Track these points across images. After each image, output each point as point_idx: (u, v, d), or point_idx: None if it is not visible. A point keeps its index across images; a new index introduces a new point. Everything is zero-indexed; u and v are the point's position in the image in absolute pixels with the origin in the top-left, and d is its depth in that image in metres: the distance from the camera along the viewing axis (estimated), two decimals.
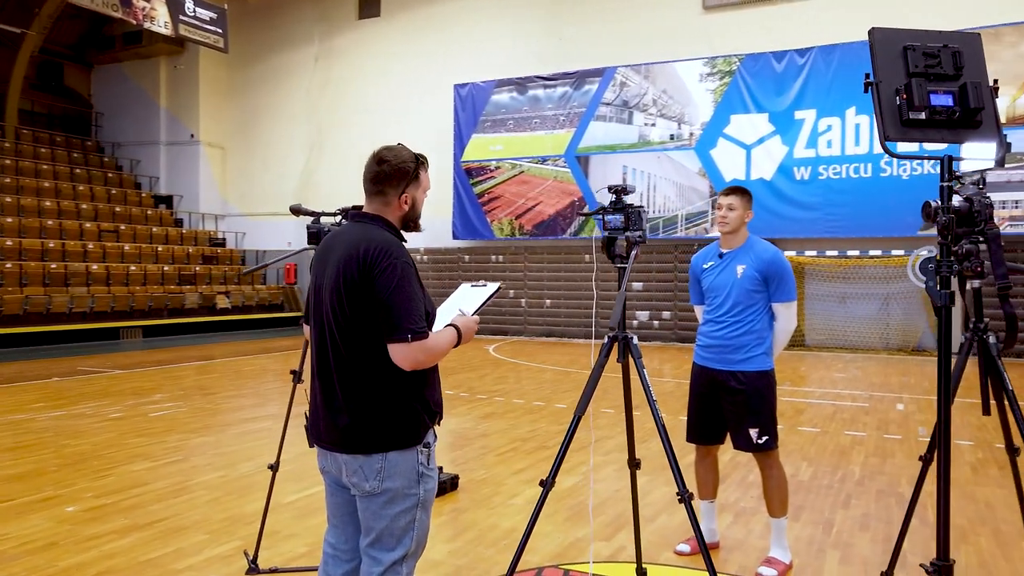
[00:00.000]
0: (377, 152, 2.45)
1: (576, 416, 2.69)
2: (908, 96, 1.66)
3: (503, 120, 16.85)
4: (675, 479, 2.53)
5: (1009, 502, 4.99)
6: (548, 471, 2.69)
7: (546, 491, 2.65)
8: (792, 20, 14.46)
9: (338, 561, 2.51)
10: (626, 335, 2.62)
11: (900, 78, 1.71)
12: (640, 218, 2.48)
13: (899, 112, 1.69)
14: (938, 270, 1.67)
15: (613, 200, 2.57)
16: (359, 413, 2.31)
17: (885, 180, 13.61)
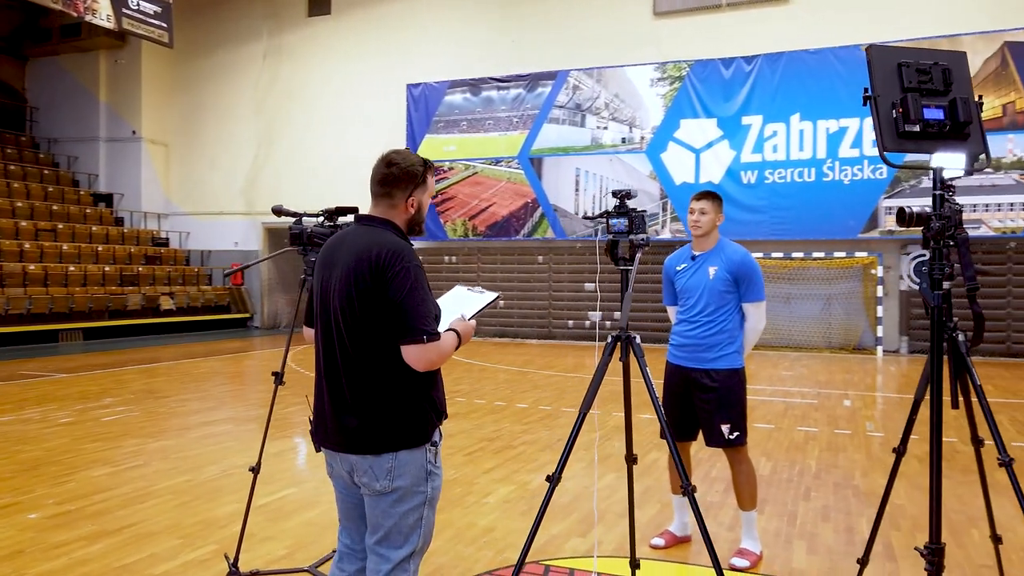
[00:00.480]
0: (385, 155, 2.48)
1: (581, 413, 2.76)
2: (904, 110, 1.79)
3: (456, 121, 16.88)
4: (679, 473, 2.63)
5: (957, 492, 5.27)
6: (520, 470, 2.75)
7: (552, 486, 2.72)
8: (739, 28, 14.86)
9: (352, 559, 2.56)
10: (629, 334, 2.70)
11: (896, 93, 1.83)
12: (643, 222, 2.57)
13: (895, 124, 1.81)
14: (931, 273, 1.79)
15: (617, 204, 2.66)
16: (369, 414, 2.35)
17: (827, 184, 14.09)
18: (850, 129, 14.03)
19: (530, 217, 16.13)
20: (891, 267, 14.20)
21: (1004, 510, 4.79)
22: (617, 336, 2.71)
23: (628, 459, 3.04)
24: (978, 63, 13.33)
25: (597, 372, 2.66)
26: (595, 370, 2.65)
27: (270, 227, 19.45)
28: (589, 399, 2.71)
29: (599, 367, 2.67)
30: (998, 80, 13.25)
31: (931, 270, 1.80)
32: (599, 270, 9.78)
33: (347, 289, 2.35)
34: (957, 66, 1.87)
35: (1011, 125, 13.19)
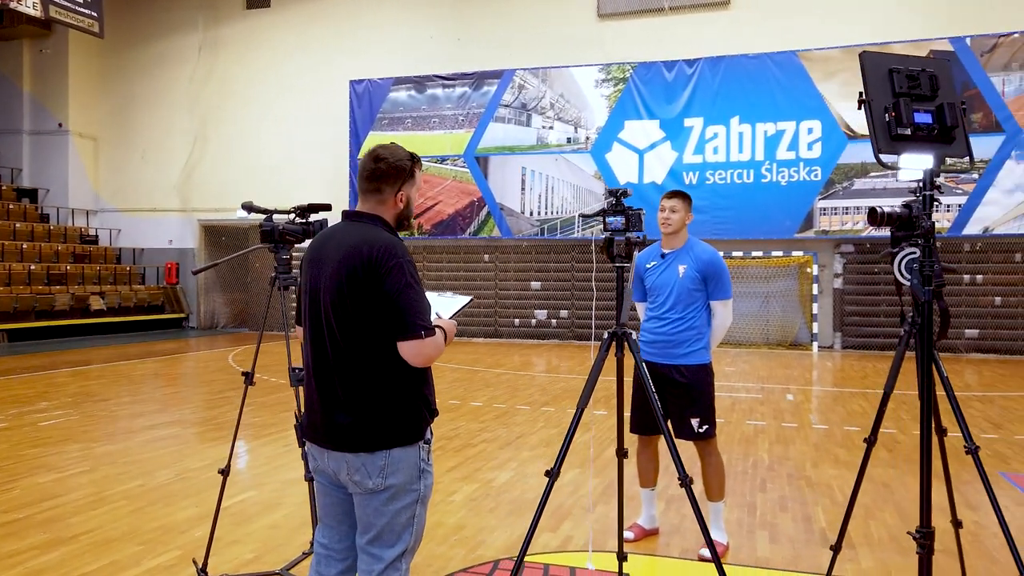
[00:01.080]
0: (373, 150, 2.47)
1: (579, 409, 2.79)
2: (896, 114, 1.87)
3: (401, 118, 16.74)
4: (675, 465, 2.68)
5: (904, 481, 5.51)
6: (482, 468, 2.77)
7: (552, 481, 2.75)
8: (681, 31, 15.16)
9: (332, 561, 2.50)
10: (625, 331, 2.74)
11: (888, 97, 1.92)
12: (640, 220, 2.61)
13: (888, 128, 1.89)
14: (921, 270, 1.88)
15: (613, 203, 2.70)
16: (362, 411, 2.32)
17: (766, 185, 14.51)
18: (787, 132, 14.48)
19: (476, 216, 16.13)
20: (825, 266, 14.72)
21: (941, 495, 5.05)
22: (613, 333, 2.75)
23: (619, 453, 3.08)
24: None
25: (594, 368, 2.70)
26: (592, 366, 2.68)
27: (207, 224, 18.93)
28: (586, 395, 2.74)
29: (596, 363, 2.71)
30: None
31: (921, 267, 1.89)
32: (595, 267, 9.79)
33: (338, 285, 2.32)
34: (942, 73, 1.97)
35: None
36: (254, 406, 8.37)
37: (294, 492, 5.11)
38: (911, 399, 9.02)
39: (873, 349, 14.30)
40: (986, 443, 6.70)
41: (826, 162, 14.27)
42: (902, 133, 1.88)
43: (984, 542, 4.22)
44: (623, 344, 2.74)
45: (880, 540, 4.26)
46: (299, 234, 3.63)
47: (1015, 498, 5.07)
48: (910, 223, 2.81)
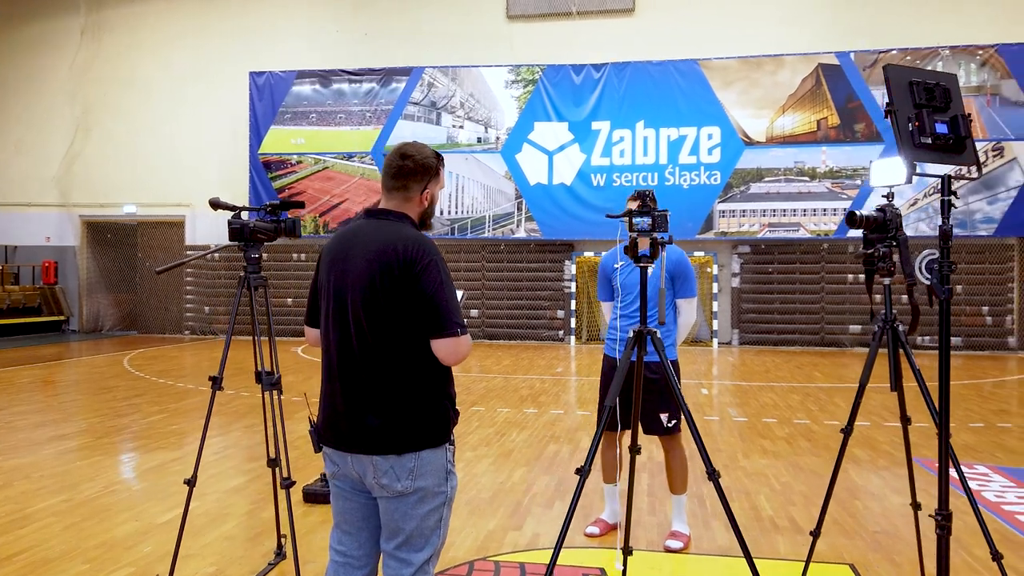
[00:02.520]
0: (399, 148, 2.43)
1: (607, 407, 2.82)
2: (920, 124, 2.02)
3: (305, 113, 16.26)
4: (703, 459, 2.75)
5: (829, 468, 5.86)
6: None
7: (583, 479, 2.77)
8: (589, 36, 15.49)
9: (350, 568, 2.43)
10: (649, 329, 2.79)
11: (909, 108, 2.06)
12: (665, 221, 2.67)
13: (912, 137, 2.03)
14: (940, 269, 2.04)
15: (640, 203, 2.74)
16: (392, 413, 2.28)
17: (669, 188, 15.05)
18: (688, 137, 15.07)
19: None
20: (724, 265, 15.43)
21: (846, 479, 5.42)
22: (639, 332, 2.80)
23: (632, 449, 3.13)
24: (797, 81, 14.81)
25: (621, 367, 2.74)
26: (618, 365, 2.72)
27: (90, 221, 17.73)
28: (613, 393, 2.78)
29: (622, 362, 2.75)
30: (814, 98, 14.79)
31: (941, 267, 2.04)
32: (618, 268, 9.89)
33: (370, 283, 2.27)
34: (953, 86, 2.13)
35: (824, 139, 14.77)
36: (169, 413, 7.94)
37: (239, 502, 4.90)
38: (819, 392, 9.60)
39: (768, 344, 15.09)
40: (891, 431, 7.22)
41: (725, 167, 14.96)
42: (924, 142, 2.02)
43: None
44: (644, 343, 2.79)
45: (826, 526, 4.51)
46: (270, 232, 3.49)
47: (933, 480, 5.50)
48: (884, 226, 3.02)
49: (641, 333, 2.78)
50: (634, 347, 2.80)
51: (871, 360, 3.08)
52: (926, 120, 2.03)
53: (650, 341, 2.79)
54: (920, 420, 7.44)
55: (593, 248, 15.50)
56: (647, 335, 2.78)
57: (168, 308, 17.22)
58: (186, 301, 17.05)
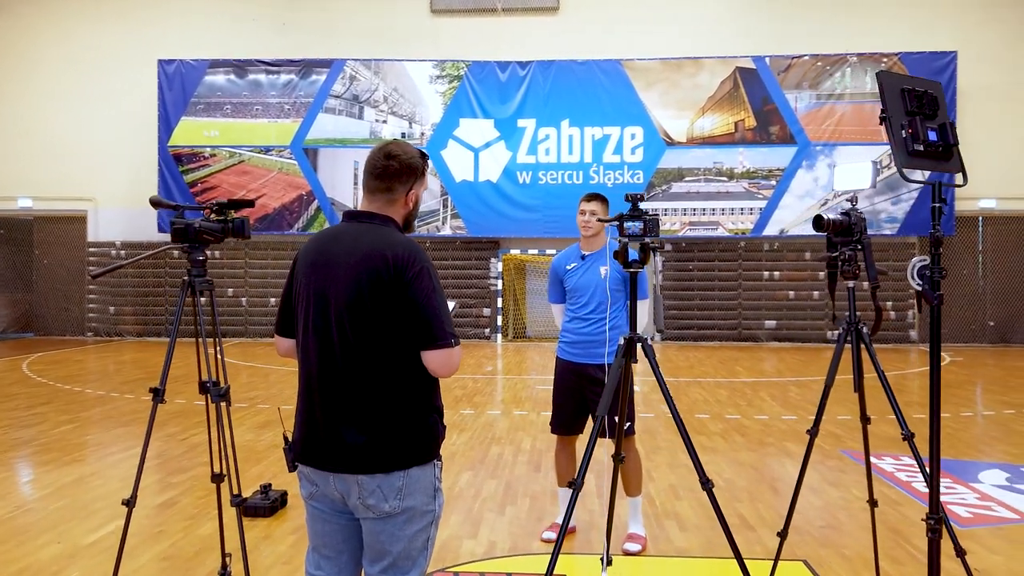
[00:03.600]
0: (384, 147, 2.29)
1: (599, 416, 2.74)
2: (913, 131, 2.03)
3: (219, 104, 15.59)
4: (696, 469, 2.71)
5: (767, 463, 6.01)
6: None
7: (576, 492, 2.68)
8: (514, 33, 15.45)
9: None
10: (640, 336, 2.73)
11: (901, 115, 2.07)
12: (656, 225, 2.61)
13: (906, 144, 2.05)
14: (932, 275, 2.06)
15: (630, 207, 2.67)
16: (379, 429, 2.14)
17: (594, 187, 15.15)
18: (612, 137, 15.25)
19: (305, 210, 15.42)
20: None
21: (784, 473, 5.54)
22: (630, 338, 2.73)
23: (615, 458, 3.07)
24: (716, 84, 15.20)
25: (612, 375, 2.66)
26: (610, 374, 2.65)
27: None
28: (605, 403, 2.70)
29: (614, 370, 2.68)
30: (731, 100, 15.21)
31: (932, 273, 2.07)
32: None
33: (356, 291, 2.13)
34: (939, 94, 2.16)
35: (741, 140, 15.21)
36: (80, 422, 7.44)
37: (171, 518, 4.61)
38: (744, 387, 9.86)
39: (688, 340, 15.45)
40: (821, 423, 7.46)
41: (647, 166, 15.21)
42: (917, 149, 2.04)
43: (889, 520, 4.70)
44: (634, 350, 2.73)
45: (773, 522, 4.60)
46: (218, 233, 3.26)
47: (861, 470, 5.70)
48: (849, 230, 3.07)
49: (632, 340, 2.72)
50: (624, 354, 2.73)
51: (836, 361, 3.13)
52: (919, 127, 2.04)
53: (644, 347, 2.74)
54: (844, 413, 7.73)
55: (519, 246, 15.49)
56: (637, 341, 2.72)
57: (69, 309, 16.21)
58: (88, 301, 16.10)
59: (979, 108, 14.70)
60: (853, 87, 15.05)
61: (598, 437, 4.18)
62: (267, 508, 4.60)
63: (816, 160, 15.04)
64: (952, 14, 15.04)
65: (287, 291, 2.35)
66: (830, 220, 3.02)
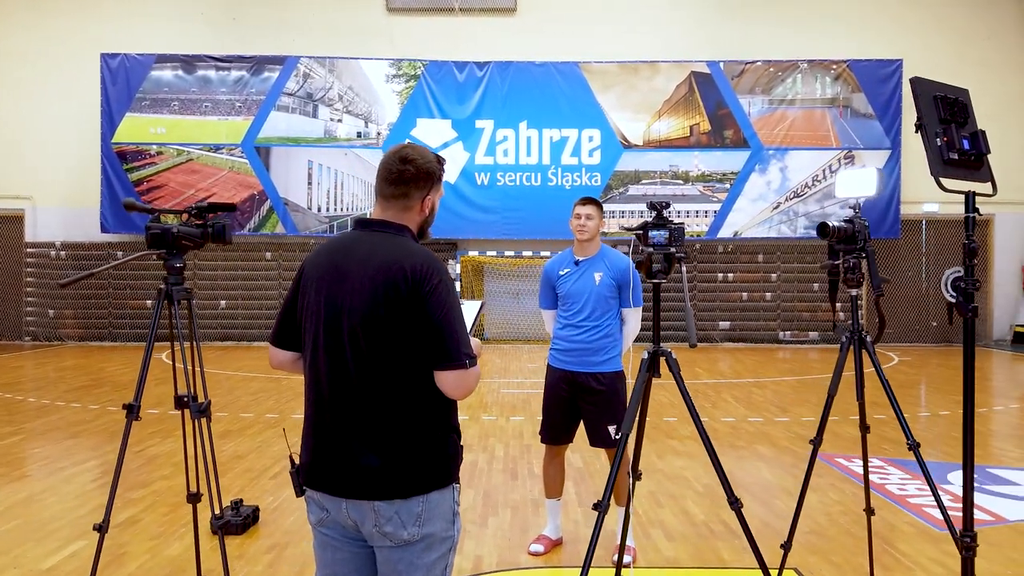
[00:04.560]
0: (399, 151, 2.15)
1: (624, 435, 2.63)
2: (948, 139, 2.00)
3: (166, 100, 15.06)
4: (724, 488, 2.63)
5: (741, 466, 6.02)
6: None
7: (602, 515, 2.56)
8: (471, 33, 15.30)
9: None
10: (667, 350, 2.63)
11: (935, 122, 2.03)
12: (682, 234, 2.51)
13: (941, 153, 2.01)
14: (965, 288, 2.03)
15: (656, 215, 2.57)
16: (396, 451, 2.01)
17: (552, 188, 15.16)
18: (570, 139, 15.24)
19: (257, 211, 15.01)
20: None
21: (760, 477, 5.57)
22: (655, 352, 2.63)
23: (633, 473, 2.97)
24: (671, 88, 15.33)
25: (635, 392, 2.56)
26: (633, 390, 2.55)
27: None
28: (630, 421, 2.60)
29: (638, 385, 2.58)
30: (687, 104, 15.36)
31: (965, 286, 2.03)
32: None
33: (372, 306, 1.99)
34: (968, 101, 2.13)
35: (696, 144, 15.37)
36: (25, 434, 7.05)
37: (135, 539, 4.36)
38: (707, 388, 9.91)
39: (640, 341, 15.50)
40: (784, 426, 7.55)
41: (605, 168, 15.25)
42: (952, 158, 2.00)
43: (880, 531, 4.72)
44: (658, 363, 2.64)
45: (758, 528, 4.58)
46: (197, 238, 3.07)
47: (839, 476, 5.75)
48: (853, 237, 3.04)
49: (656, 353, 2.63)
50: (648, 368, 2.64)
51: (839, 370, 3.10)
52: (954, 135, 2.01)
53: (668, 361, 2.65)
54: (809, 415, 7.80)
55: (477, 247, 15.36)
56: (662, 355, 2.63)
57: (4, 312, 15.45)
58: (26, 304, 15.37)
59: None
60: (804, 93, 15.35)
61: (591, 446, 4.14)
62: (239, 525, 4.39)
63: (768, 164, 15.29)
64: (898, 23, 15.46)
65: (290, 302, 2.20)
66: (835, 227, 2.99)
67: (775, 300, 15.57)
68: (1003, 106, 15.26)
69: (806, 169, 15.27)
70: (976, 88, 11.53)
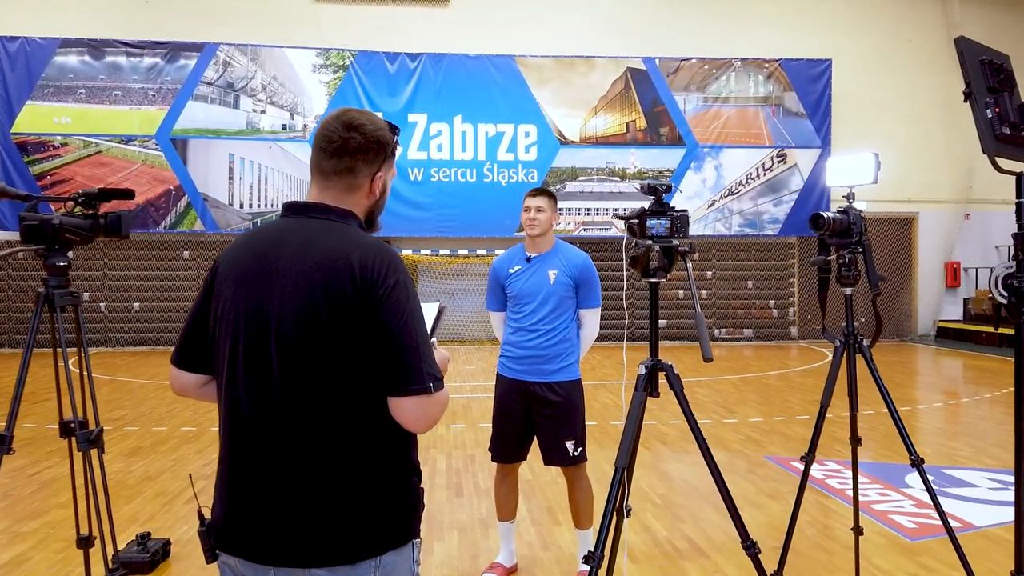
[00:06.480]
0: (342, 114, 1.69)
1: (619, 469, 2.21)
2: (1001, 110, 1.68)
3: (71, 88, 13.97)
4: (737, 529, 2.24)
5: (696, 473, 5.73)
6: None
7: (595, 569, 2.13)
8: (403, 23, 14.75)
9: None
10: (669, 364, 2.23)
11: (983, 91, 1.71)
12: (686, 223, 2.11)
13: (992, 127, 1.69)
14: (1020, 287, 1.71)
15: (653, 202, 2.15)
16: (339, 503, 1.56)
17: (488, 185, 14.76)
18: (506, 134, 14.86)
19: (173, 207, 14.08)
20: None
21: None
22: (654, 366, 2.23)
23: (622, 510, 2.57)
24: (607, 84, 15.11)
25: (631, 416, 2.15)
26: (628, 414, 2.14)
27: None
28: (625, 450, 2.19)
29: (633, 407, 2.16)
30: (623, 101, 15.18)
31: (1018, 284, 1.72)
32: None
33: (311, 314, 1.54)
34: (1011, 68, 1.82)
35: (633, 141, 15.21)
36: None
37: None
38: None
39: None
40: (733, 427, 7.34)
41: (541, 165, 14.92)
42: (1004, 132, 1.68)
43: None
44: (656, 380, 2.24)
45: (726, 545, 4.28)
46: (86, 231, 2.54)
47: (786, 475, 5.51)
48: (847, 231, 2.72)
49: (655, 368, 2.24)
50: (647, 384, 2.25)
51: (833, 377, 2.78)
52: (1008, 105, 1.68)
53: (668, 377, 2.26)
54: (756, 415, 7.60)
55: (411, 246, 14.81)
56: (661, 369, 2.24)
57: None
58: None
59: (853, 115, 15.35)
60: (738, 91, 15.37)
61: (546, 464, 3.74)
62: (146, 563, 3.81)
63: (704, 162, 15.25)
64: (828, 24, 15.64)
65: (199, 309, 1.72)
66: (829, 219, 2.67)
67: (710, 298, 15.57)
68: (926, 107, 15.64)
69: (740, 167, 15.30)
70: (901, 89, 11.64)
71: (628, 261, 2.23)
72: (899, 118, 15.32)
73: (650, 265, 2.20)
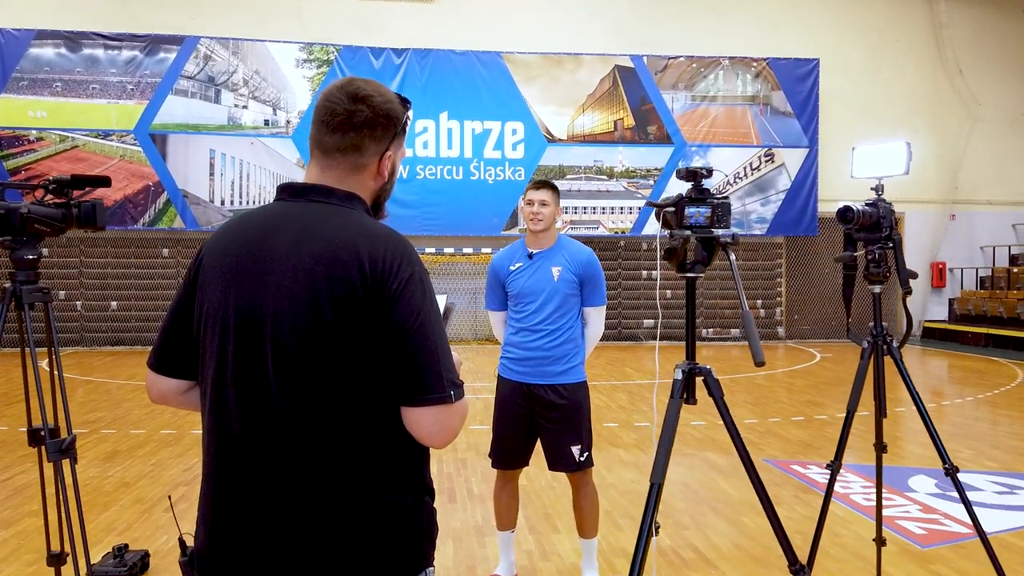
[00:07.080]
0: (346, 84, 1.50)
1: (654, 485, 2.02)
2: None
3: (47, 80, 13.61)
4: (784, 551, 2.06)
5: (695, 477, 5.58)
6: None
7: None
8: (388, 18, 14.52)
9: None
10: (708, 367, 2.05)
11: None
12: (728, 211, 1.91)
13: None
14: None
15: (692, 187, 1.95)
16: (343, 528, 1.37)
17: (474, 183, 14.56)
18: (493, 132, 14.67)
19: (152, 203, 13.76)
20: None
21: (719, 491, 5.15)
22: (691, 370, 2.04)
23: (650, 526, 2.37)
24: (595, 81, 14.97)
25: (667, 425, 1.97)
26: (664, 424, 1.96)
27: None
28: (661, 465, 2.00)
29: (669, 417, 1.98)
30: (611, 99, 15.04)
31: None
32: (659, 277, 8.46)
33: (311, 310, 1.34)
34: None
35: (620, 139, 15.08)
36: None
37: None
38: (641, 389, 9.53)
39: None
40: None
41: (529, 163, 14.75)
42: None
43: None
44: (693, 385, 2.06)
45: (732, 553, 4.13)
46: (57, 222, 2.32)
47: (799, 485, 5.38)
48: (877, 225, 2.57)
49: (692, 371, 2.06)
50: (684, 390, 2.07)
51: (860, 381, 2.63)
52: None
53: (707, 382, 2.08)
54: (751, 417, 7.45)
55: None
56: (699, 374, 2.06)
57: None
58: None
59: (840, 114, 15.32)
60: (725, 90, 15.29)
61: (551, 469, 3.57)
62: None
63: (691, 161, 15.14)
64: (815, 23, 15.60)
65: (178, 308, 1.52)
66: (859, 211, 2.50)
67: (699, 297, 15.46)
68: (913, 106, 15.65)
69: (728, 166, 15.20)
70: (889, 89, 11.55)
71: (663, 253, 2.03)
72: (885, 118, 15.30)
73: (687, 258, 2.01)
